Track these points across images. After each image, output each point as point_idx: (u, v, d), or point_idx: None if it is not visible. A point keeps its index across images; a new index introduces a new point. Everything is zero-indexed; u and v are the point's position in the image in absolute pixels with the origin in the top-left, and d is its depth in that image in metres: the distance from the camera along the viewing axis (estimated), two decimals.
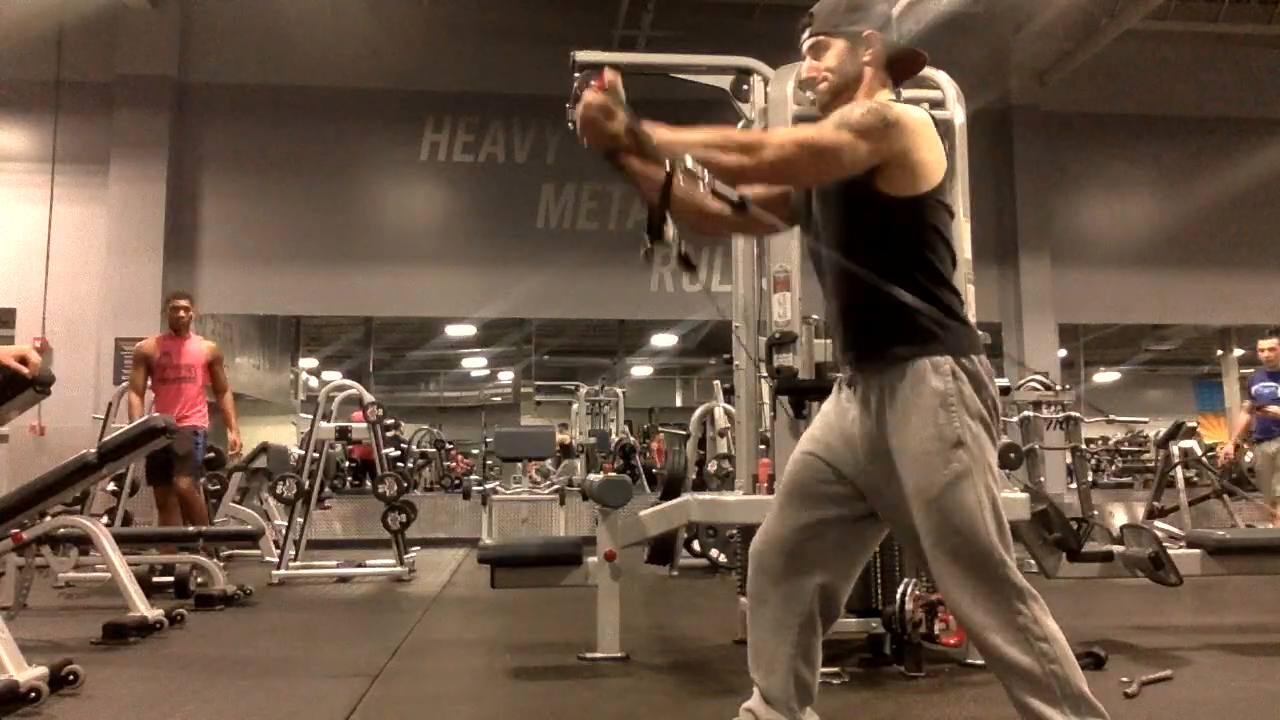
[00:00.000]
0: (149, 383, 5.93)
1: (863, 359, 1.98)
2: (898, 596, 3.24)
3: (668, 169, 1.79)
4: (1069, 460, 7.69)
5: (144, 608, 4.07)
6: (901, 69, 2.06)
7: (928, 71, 3.62)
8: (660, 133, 1.79)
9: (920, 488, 1.84)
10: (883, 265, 1.90)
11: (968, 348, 1.89)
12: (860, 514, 1.99)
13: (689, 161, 1.76)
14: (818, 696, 2.06)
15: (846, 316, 2.02)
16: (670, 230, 1.85)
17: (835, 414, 2.04)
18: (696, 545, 6.39)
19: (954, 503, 1.82)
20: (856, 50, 2.02)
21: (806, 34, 2.07)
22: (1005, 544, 1.84)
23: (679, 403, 18.30)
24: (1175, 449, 7.64)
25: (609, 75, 1.82)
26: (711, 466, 6.45)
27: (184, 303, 6.06)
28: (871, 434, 1.93)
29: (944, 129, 3.60)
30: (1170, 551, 3.76)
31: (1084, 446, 6.77)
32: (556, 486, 8.76)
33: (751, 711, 2.03)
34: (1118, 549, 3.90)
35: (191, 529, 5.46)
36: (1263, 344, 7.26)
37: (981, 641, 1.83)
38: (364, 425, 6.58)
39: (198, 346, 6.00)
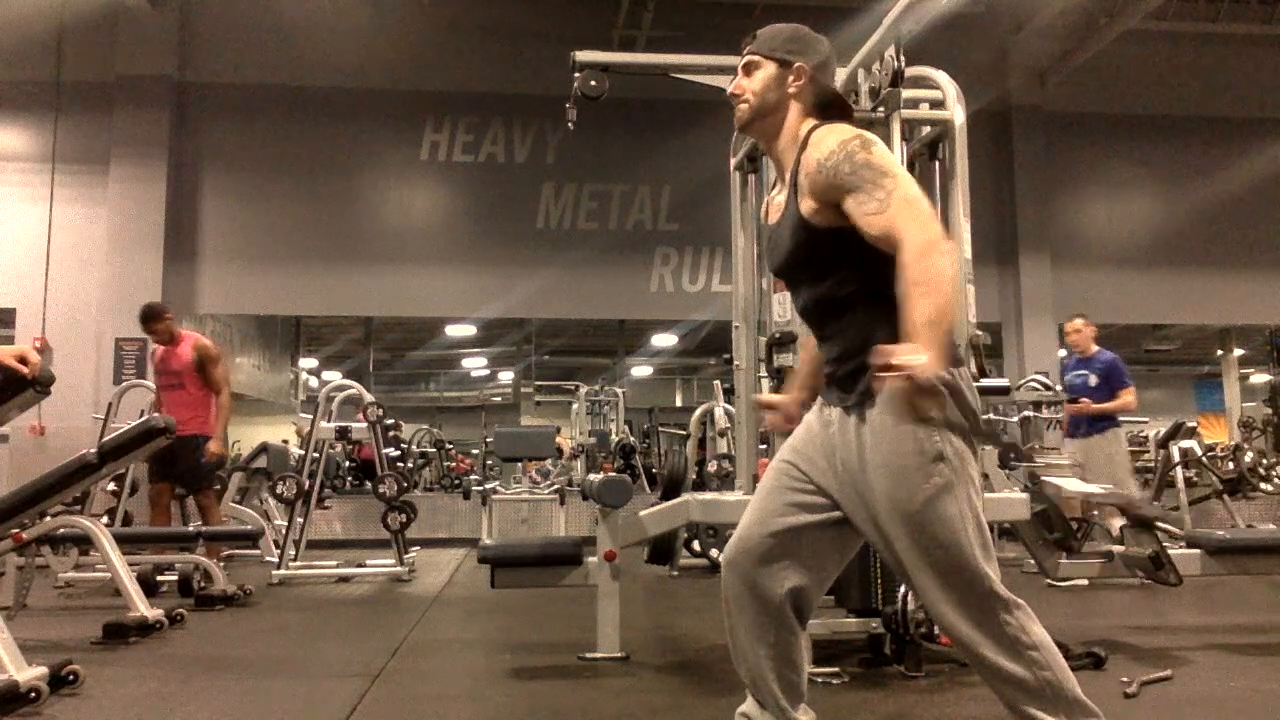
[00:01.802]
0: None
1: (843, 376, 1.98)
2: (899, 597, 3.24)
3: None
4: None
5: (144, 608, 4.07)
6: (827, 112, 2.05)
7: (928, 71, 3.62)
8: (935, 359, 1.68)
9: (900, 502, 1.83)
10: (861, 282, 1.91)
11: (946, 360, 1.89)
12: (834, 522, 1.99)
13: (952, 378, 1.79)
14: (819, 696, 2.06)
15: (827, 337, 2.02)
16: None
17: (818, 424, 2.03)
18: (696, 545, 6.39)
19: (935, 517, 1.82)
20: (784, 79, 2.02)
21: (746, 50, 2.08)
22: (988, 557, 1.84)
23: (679, 403, 18.30)
24: (1175, 449, 7.64)
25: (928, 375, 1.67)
26: (711, 466, 6.46)
27: (148, 327, 5.85)
28: (851, 448, 1.92)
29: (944, 129, 3.61)
30: (1170, 551, 3.76)
31: None
32: (556, 486, 8.77)
33: (746, 715, 2.04)
34: (1118, 549, 3.91)
35: (191, 529, 5.46)
36: (1069, 325, 6.29)
37: (972, 654, 1.83)
38: (364, 425, 6.58)
39: (185, 351, 5.83)
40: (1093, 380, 6.07)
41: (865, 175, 1.83)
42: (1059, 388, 6.27)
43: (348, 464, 10.28)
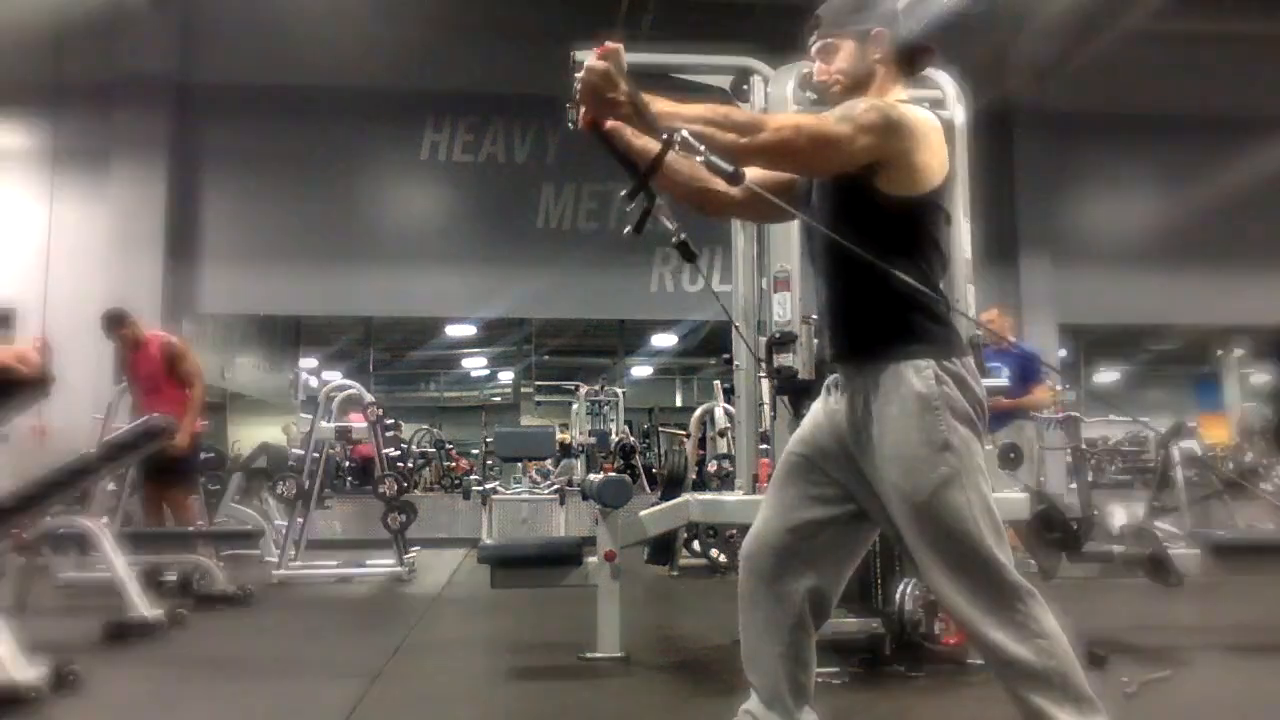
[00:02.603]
0: None
1: (848, 358, 1.98)
2: (897, 596, 3.24)
3: (665, 139, 1.77)
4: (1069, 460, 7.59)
5: (144, 608, 4.07)
6: (912, 63, 2.06)
7: (928, 71, 3.62)
8: (660, 104, 1.80)
9: (909, 491, 1.84)
10: (874, 243, 1.89)
11: (951, 350, 1.89)
12: (851, 514, 1.99)
13: (686, 134, 1.75)
14: (818, 696, 2.06)
15: (834, 311, 2.03)
16: (658, 201, 1.86)
17: (825, 414, 2.04)
18: (696, 545, 6.38)
19: (943, 505, 1.82)
20: (866, 49, 2.01)
21: (814, 37, 2.06)
22: (1000, 543, 1.84)
23: (679, 403, 18.29)
24: (1175, 449, 7.63)
25: (611, 43, 1.81)
26: (711, 466, 6.45)
27: (114, 334, 5.87)
28: (859, 437, 1.92)
29: (944, 129, 3.61)
30: (1170, 551, 3.76)
31: (1084, 446, 6.70)
32: (556, 486, 8.76)
33: (750, 713, 2.03)
34: (1118, 549, 3.91)
35: (190, 529, 5.46)
36: (983, 315, 5.78)
37: (981, 641, 1.83)
38: (364, 425, 6.58)
39: (153, 352, 5.80)
40: (1004, 374, 5.72)
41: (839, 110, 1.88)
42: None
43: (346, 464, 10.29)
